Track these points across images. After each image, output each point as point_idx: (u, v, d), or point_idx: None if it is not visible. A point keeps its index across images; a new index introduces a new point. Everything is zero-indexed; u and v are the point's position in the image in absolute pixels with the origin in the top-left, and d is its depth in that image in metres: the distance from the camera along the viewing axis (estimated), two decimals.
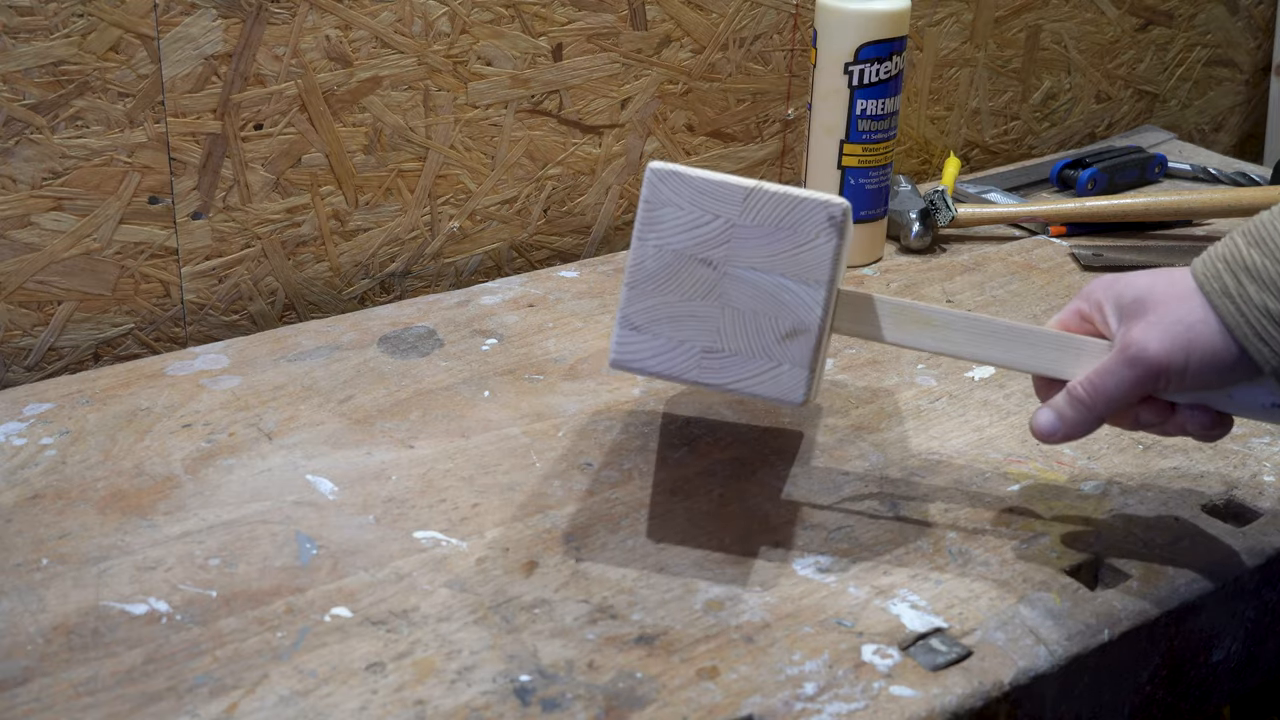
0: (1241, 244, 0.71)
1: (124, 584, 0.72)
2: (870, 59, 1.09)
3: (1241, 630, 0.77)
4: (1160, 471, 0.84)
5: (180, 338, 1.02)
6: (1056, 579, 0.74)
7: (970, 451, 0.86)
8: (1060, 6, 1.39)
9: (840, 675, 0.66)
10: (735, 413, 0.89)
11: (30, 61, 0.91)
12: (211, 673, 0.66)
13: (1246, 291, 0.70)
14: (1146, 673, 0.74)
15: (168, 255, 1.00)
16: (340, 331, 0.99)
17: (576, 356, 0.96)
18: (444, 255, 1.12)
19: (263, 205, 1.02)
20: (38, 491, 0.79)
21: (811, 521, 0.78)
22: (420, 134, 1.07)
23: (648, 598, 0.71)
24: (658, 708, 0.64)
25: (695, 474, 0.83)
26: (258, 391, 0.91)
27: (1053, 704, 0.69)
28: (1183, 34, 1.51)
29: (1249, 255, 0.71)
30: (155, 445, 0.84)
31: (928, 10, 1.30)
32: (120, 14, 0.93)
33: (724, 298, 0.74)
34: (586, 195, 1.17)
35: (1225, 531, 0.78)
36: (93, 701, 0.64)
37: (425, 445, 0.85)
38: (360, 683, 0.65)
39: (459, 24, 1.06)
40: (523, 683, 0.65)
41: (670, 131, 1.19)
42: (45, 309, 0.96)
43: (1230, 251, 0.72)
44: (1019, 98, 1.41)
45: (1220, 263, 0.71)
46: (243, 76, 0.98)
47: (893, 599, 0.72)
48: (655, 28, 1.15)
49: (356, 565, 0.74)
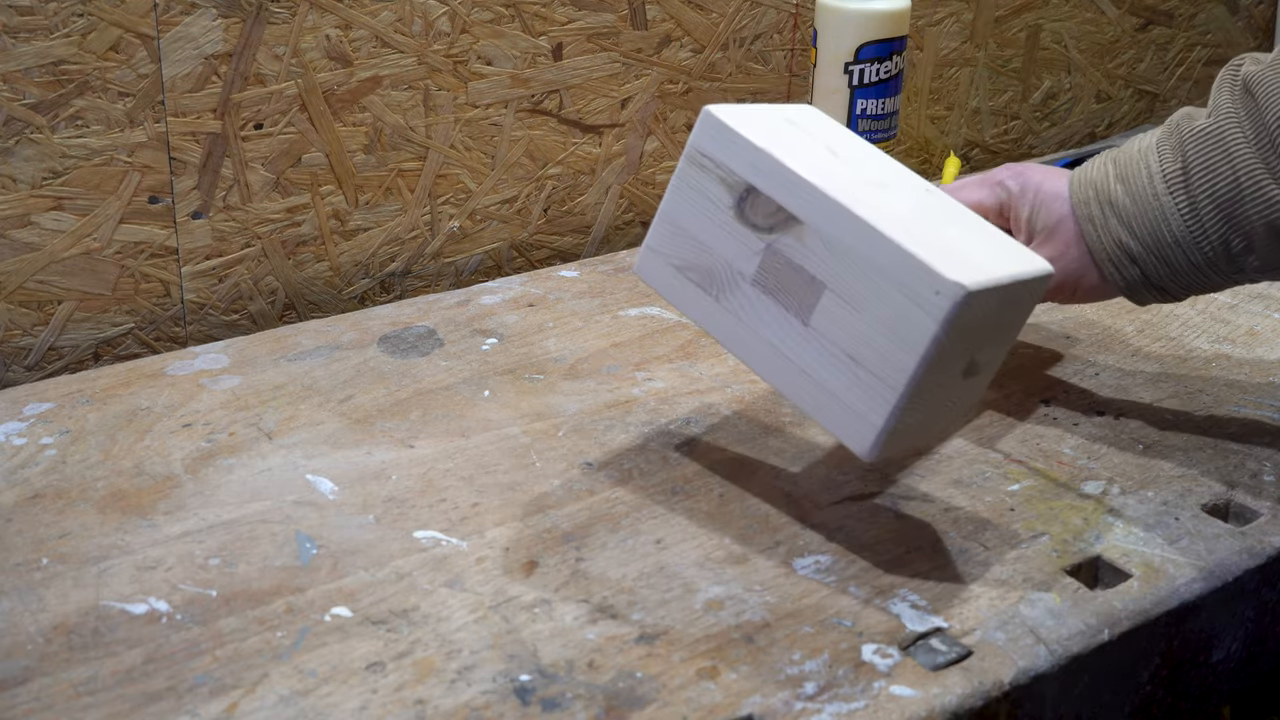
0: (1111, 174, 0.82)
1: (124, 584, 0.72)
2: (870, 59, 1.09)
3: (1241, 630, 0.77)
4: (1160, 471, 0.84)
5: (180, 337, 1.02)
6: (1056, 579, 0.74)
7: (970, 451, 0.86)
8: (1060, 6, 1.39)
9: (840, 675, 0.66)
10: (735, 413, 0.89)
11: (30, 61, 0.91)
12: (211, 672, 0.66)
13: (1109, 224, 0.81)
14: (1146, 673, 0.74)
15: (168, 255, 1.00)
16: (340, 331, 0.99)
17: (576, 356, 0.96)
18: (444, 255, 1.12)
19: (263, 205, 1.02)
20: (38, 491, 0.79)
21: (811, 521, 0.78)
22: (420, 133, 1.07)
23: (648, 598, 0.71)
24: (658, 708, 0.64)
25: (695, 474, 0.83)
26: (258, 391, 0.91)
27: (1053, 704, 0.69)
28: (1183, 34, 1.51)
29: (1114, 189, 0.81)
30: (155, 445, 0.84)
31: (928, 10, 1.30)
32: (120, 13, 0.93)
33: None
34: (587, 195, 1.17)
35: (1225, 531, 0.78)
36: (93, 701, 0.64)
37: (425, 445, 0.85)
38: (360, 682, 0.65)
39: (459, 23, 1.06)
40: (523, 682, 0.65)
41: (670, 131, 1.19)
42: (45, 309, 0.96)
43: (1100, 179, 0.82)
44: (1019, 97, 1.41)
45: (1091, 189, 0.82)
46: (243, 76, 0.98)
47: (893, 599, 0.72)
48: (655, 27, 1.15)
49: (356, 565, 0.74)
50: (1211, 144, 0.78)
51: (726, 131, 0.74)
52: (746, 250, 0.74)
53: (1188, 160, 0.79)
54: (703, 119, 0.75)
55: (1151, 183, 0.80)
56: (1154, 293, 0.83)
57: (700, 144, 0.75)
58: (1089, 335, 1.02)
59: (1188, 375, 0.96)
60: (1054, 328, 1.03)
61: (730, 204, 0.74)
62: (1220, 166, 0.77)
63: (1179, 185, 0.79)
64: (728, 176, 0.74)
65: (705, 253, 0.75)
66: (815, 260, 0.71)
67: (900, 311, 0.68)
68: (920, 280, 0.68)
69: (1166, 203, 0.79)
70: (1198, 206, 0.78)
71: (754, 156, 0.73)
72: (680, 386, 0.92)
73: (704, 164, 0.75)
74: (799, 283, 0.72)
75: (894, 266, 0.69)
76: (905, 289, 0.68)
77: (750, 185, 0.73)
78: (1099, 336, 1.02)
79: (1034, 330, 1.02)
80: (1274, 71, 0.76)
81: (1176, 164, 0.79)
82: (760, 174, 0.73)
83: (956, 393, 0.75)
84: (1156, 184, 0.80)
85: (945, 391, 0.73)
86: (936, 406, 0.73)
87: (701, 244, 0.75)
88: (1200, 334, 1.02)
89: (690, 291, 0.76)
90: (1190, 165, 0.78)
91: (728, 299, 0.75)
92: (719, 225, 0.74)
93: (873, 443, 0.70)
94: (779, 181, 0.72)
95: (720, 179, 0.74)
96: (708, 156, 0.75)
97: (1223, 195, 0.77)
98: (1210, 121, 0.79)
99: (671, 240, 0.77)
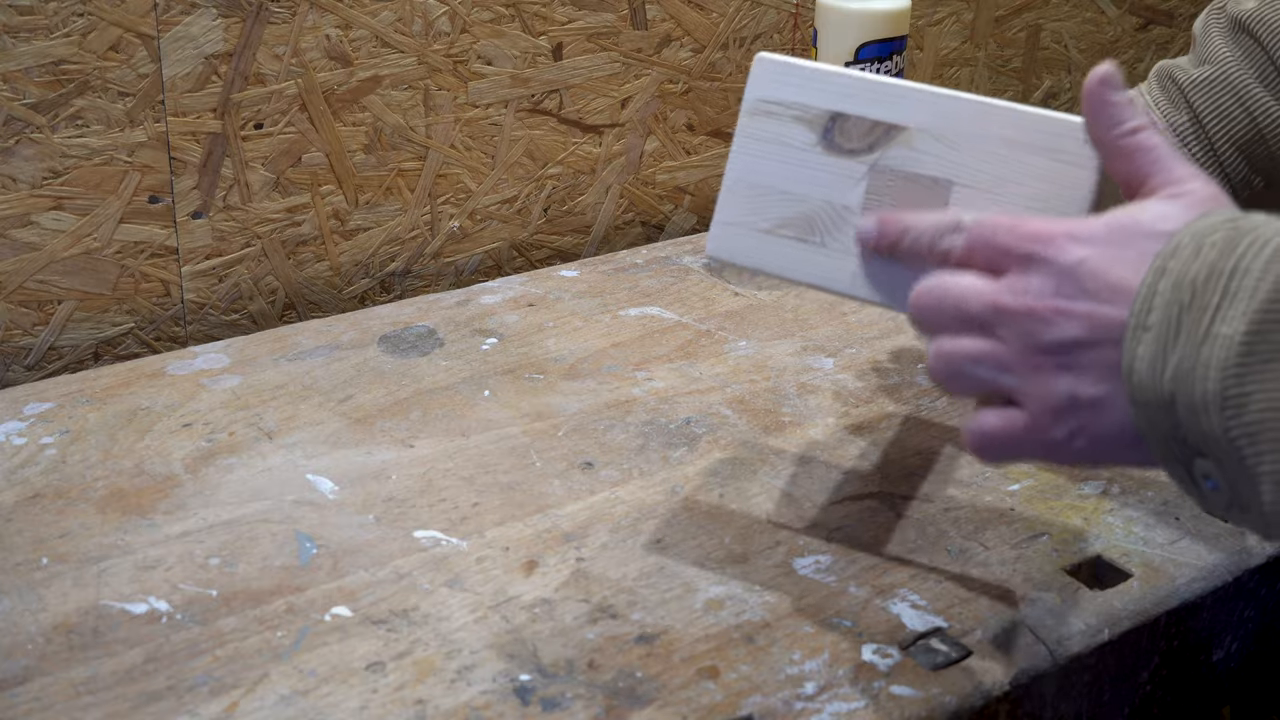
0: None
1: (124, 583, 0.72)
2: (870, 58, 1.09)
3: (1241, 630, 0.77)
4: (1160, 472, 0.84)
5: (180, 337, 1.02)
6: (1056, 579, 0.74)
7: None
8: (1060, 6, 1.39)
9: (840, 675, 0.66)
10: (735, 413, 0.89)
11: (30, 61, 0.91)
12: (211, 672, 0.66)
13: None
14: (1146, 672, 0.74)
15: (168, 254, 1.00)
16: (340, 331, 0.99)
17: (576, 356, 0.96)
18: (444, 255, 1.12)
19: (263, 204, 1.02)
20: (38, 491, 0.79)
21: (811, 521, 0.78)
22: (420, 133, 1.07)
23: (648, 597, 0.71)
24: (658, 707, 0.64)
25: (695, 474, 0.83)
26: (258, 391, 0.91)
27: (1053, 704, 0.69)
28: (1183, 33, 1.51)
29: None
30: (155, 445, 0.84)
31: (928, 10, 1.30)
32: (120, 13, 0.93)
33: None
34: (587, 195, 1.17)
35: (1225, 531, 0.78)
36: (93, 701, 0.64)
37: (425, 445, 0.85)
38: (360, 682, 0.65)
39: (459, 23, 1.06)
40: (523, 682, 0.65)
41: (670, 131, 1.19)
42: (45, 308, 0.96)
43: None
44: (1019, 97, 1.41)
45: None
46: (243, 76, 0.98)
47: (893, 599, 0.72)
48: (655, 27, 1.15)
49: (356, 565, 0.74)
50: (1220, 90, 0.78)
51: (791, 68, 0.71)
52: (847, 180, 0.70)
53: (1197, 110, 0.78)
54: (758, 66, 0.72)
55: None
56: None
57: (762, 92, 0.72)
58: None
59: None
60: None
61: (815, 140, 0.70)
62: (1233, 110, 0.77)
63: (1191, 136, 0.79)
64: (804, 113, 0.71)
65: (797, 202, 0.71)
66: (932, 161, 0.68)
67: (1049, 175, 0.65)
68: (1062, 137, 0.65)
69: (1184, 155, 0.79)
70: (1218, 153, 0.78)
71: (830, 83, 0.70)
72: (680, 386, 0.92)
73: (772, 110, 0.72)
74: (919, 190, 0.68)
75: (1029, 134, 0.66)
76: (1049, 151, 0.65)
77: (835, 112, 0.70)
78: None
79: None
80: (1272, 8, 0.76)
81: (1183, 116, 0.79)
82: (844, 97, 0.70)
83: None
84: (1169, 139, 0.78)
85: None
86: None
87: (790, 194, 0.71)
88: None
89: (788, 250, 0.71)
90: (1202, 114, 0.78)
91: (836, 240, 0.70)
92: (807, 167, 0.71)
93: None
94: (868, 97, 0.69)
95: (796, 118, 0.71)
96: (775, 101, 0.71)
97: (1241, 137, 0.78)
98: (1211, 69, 0.78)
99: (750, 204, 0.72)
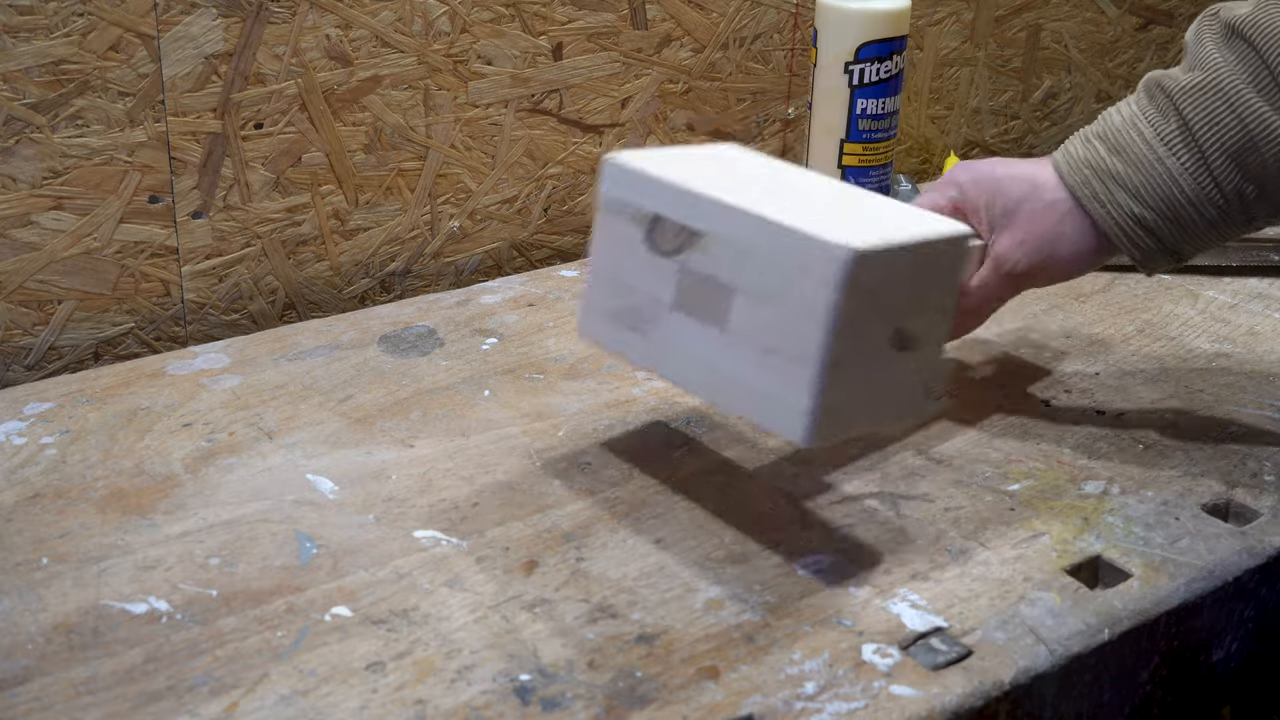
0: (1102, 150, 0.81)
1: (124, 583, 0.72)
2: (870, 58, 1.09)
3: (1241, 630, 0.77)
4: (1160, 471, 0.84)
5: (180, 337, 1.02)
6: (1056, 579, 0.74)
7: (970, 451, 0.86)
8: (1060, 6, 1.39)
9: (840, 675, 0.66)
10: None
11: (30, 61, 0.91)
12: (211, 672, 0.66)
13: (1115, 198, 0.80)
14: (1146, 673, 0.74)
15: (168, 254, 1.00)
16: (340, 331, 0.99)
17: (576, 356, 0.96)
18: (444, 254, 1.12)
19: (263, 204, 1.02)
20: (38, 491, 0.79)
21: (811, 521, 0.78)
22: (420, 133, 1.07)
23: (648, 597, 0.71)
24: (658, 707, 0.64)
25: (695, 474, 0.83)
26: (258, 391, 0.91)
27: (1053, 704, 0.69)
28: (1183, 33, 1.51)
29: (1112, 163, 0.80)
30: (155, 444, 0.84)
31: (928, 10, 1.30)
32: (120, 13, 0.93)
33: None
34: (587, 194, 1.17)
35: (1225, 531, 0.78)
36: (93, 701, 0.64)
37: (425, 445, 0.85)
38: (360, 682, 0.65)
39: (459, 23, 1.06)
40: (523, 682, 0.65)
41: (670, 131, 1.19)
42: (45, 308, 0.96)
43: (1093, 158, 0.81)
44: (1019, 97, 1.41)
45: (1087, 169, 0.81)
46: (243, 76, 0.98)
47: (893, 598, 0.72)
48: (655, 27, 1.15)
49: (356, 565, 0.74)
50: (1210, 96, 0.77)
51: (626, 172, 0.78)
52: (663, 277, 0.76)
53: (1186, 117, 0.78)
54: (607, 168, 0.79)
55: (1152, 148, 0.79)
56: (1168, 258, 0.82)
57: (608, 191, 0.79)
58: (1089, 335, 1.02)
59: (1188, 375, 0.96)
60: (1054, 328, 1.03)
61: (642, 238, 0.77)
62: (1225, 117, 0.77)
63: (1180, 144, 0.78)
64: (635, 213, 0.77)
65: (631, 293, 0.78)
66: (722, 266, 0.73)
67: (801, 290, 0.70)
68: (811, 254, 0.69)
69: (1173, 164, 0.79)
70: (1208, 161, 0.78)
71: (652, 187, 0.76)
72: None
73: (615, 208, 0.78)
74: (712, 293, 0.74)
75: (788, 250, 0.70)
76: (800, 267, 0.70)
77: (655, 214, 0.76)
78: (1099, 336, 1.02)
79: (1034, 330, 1.02)
80: (1266, 13, 0.76)
81: (1171, 124, 0.79)
82: (660, 201, 0.76)
83: (897, 366, 0.75)
84: (1157, 149, 0.79)
85: (879, 364, 0.73)
86: (875, 381, 0.73)
87: (627, 286, 0.78)
88: (1200, 334, 1.02)
89: (625, 336, 0.79)
90: (1191, 122, 0.78)
91: (654, 331, 0.77)
92: (637, 262, 0.77)
93: (805, 426, 0.70)
94: (677, 201, 0.75)
95: (630, 217, 0.77)
96: (618, 200, 0.78)
97: (1233, 145, 0.77)
98: (1202, 75, 0.78)
99: (606, 291, 0.80)
